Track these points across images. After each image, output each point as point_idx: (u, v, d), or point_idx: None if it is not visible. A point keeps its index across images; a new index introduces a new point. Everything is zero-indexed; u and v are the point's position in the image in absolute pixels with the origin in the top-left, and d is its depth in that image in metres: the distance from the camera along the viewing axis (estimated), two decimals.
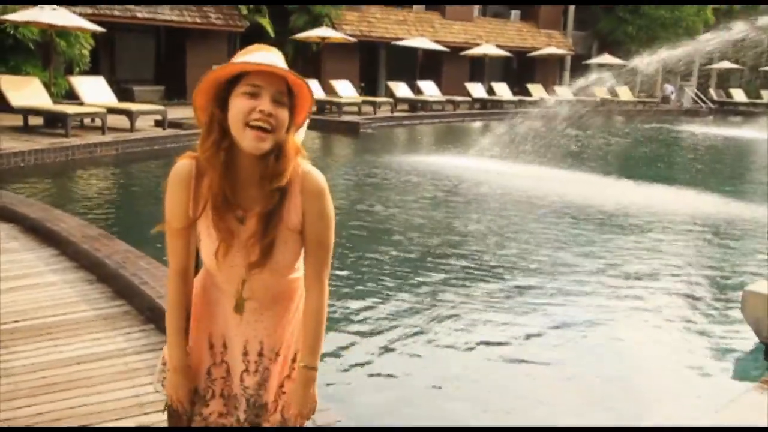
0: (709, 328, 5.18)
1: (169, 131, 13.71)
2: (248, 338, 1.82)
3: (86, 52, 16.45)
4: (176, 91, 21.12)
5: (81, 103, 13.67)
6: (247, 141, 1.62)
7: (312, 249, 1.76)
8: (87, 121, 13.64)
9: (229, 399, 1.87)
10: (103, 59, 20.35)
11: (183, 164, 1.73)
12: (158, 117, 14.33)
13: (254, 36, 22.76)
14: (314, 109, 1.78)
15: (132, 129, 13.19)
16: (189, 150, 1.76)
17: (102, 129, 12.64)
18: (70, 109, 12.54)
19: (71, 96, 14.49)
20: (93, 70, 17.15)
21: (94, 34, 16.00)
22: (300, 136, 1.79)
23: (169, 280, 1.83)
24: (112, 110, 13.26)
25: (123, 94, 18.54)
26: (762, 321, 4.29)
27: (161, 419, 3.03)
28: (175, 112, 15.67)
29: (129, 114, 13.35)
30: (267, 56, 1.66)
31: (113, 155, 11.75)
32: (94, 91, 14.35)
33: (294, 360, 1.85)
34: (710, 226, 8.68)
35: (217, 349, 1.85)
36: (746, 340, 4.62)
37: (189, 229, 1.76)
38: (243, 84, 1.63)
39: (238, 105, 1.62)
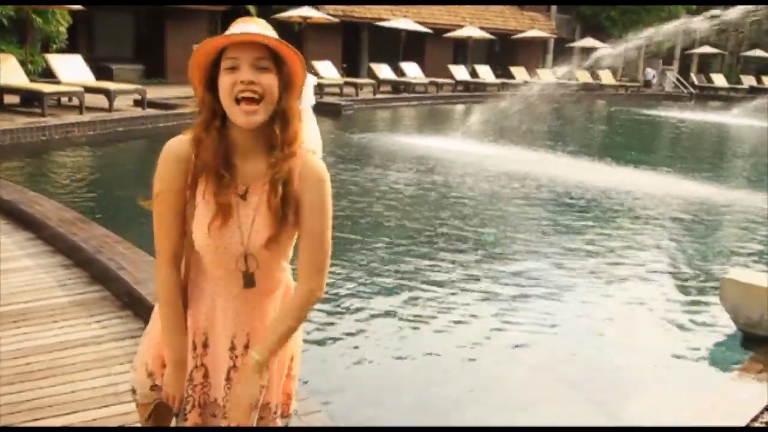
0: (688, 315, 5.22)
1: (149, 111, 13.52)
2: (236, 332, 1.73)
3: (63, 29, 16.12)
4: (156, 70, 20.82)
5: (58, 82, 13.42)
6: (238, 116, 1.60)
7: (305, 239, 1.68)
8: (64, 100, 13.41)
9: (205, 407, 1.77)
10: (81, 37, 19.98)
11: (179, 140, 1.69)
12: (137, 96, 14.13)
13: (236, 15, 22.51)
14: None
15: (110, 109, 12.98)
16: (185, 129, 1.73)
17: (79, 108, 12.43)
18: (46, 87, 12.32)
19: (48, 74, 14.21)
20: (70, 48, 16.82)
21: (72, 11, 15.68)
22: (309, 101, 1.78)
23: (159, 272, 1.71)
24: (89, 89, 13.04)
25: (101, 72, 18.20)
26: (740, 308, 4.33)
27: None
28: (155, 92, 15.48)
29: (107, 93, 13.13)
30: (243, 26, 1.63)
31: (91, 135, 11.54)
32: (72, 70, 14.09)
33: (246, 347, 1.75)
34: (689, 212, 8.74)
35: (198, 351, 1.74)
36: (724, 327, 4.65)
37: (183, 195, 1.67)
38: (224, 60, 1.61)
39: (222, 82, 1.61)
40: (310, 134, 1.81)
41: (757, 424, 3.34)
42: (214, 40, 1.61)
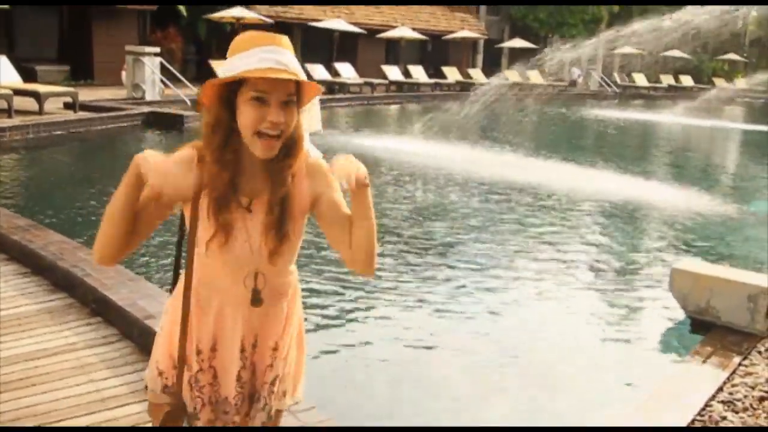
0: (638, 304, 5.51)
1: (81, 114, 13.13)
2: (245, 334, 1.76)
3: None
4: (83, 72, 20.17)
5: None
6: (257, 149, 1.60)
7: (337, 210, 1.71)
8: None
9: (217, 404, 1.80)
10: (1, 36, 19.20)
11: (185, 153, 1.67)
12: (68, 99, 13.70)
13: (166, 14, 22.02)
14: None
15: (41, 112, 12.57)
16: (191, 140, 1.71)
17: (8, 112, 11.97)
18: None
19: None
20: None
21: None
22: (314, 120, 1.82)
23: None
24: (18, 92, 12.56)
25: (24, 73, 17.49)
26: (688, 296, 4.58)
27: (126, 413, 3.01)
28: (85, 94, 15.03)
29: (37, 96, 12.70)
30: (272, 55, 1.57)
31: (25, 140, 11.13)
32: None
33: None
34: (626, 208, 9.12)
35: (204, 355, 1.77)
36: (674, 315, 4.91)
37: (168, 204, 1.65)
38: (249, 88, 1.57)
39: (247, 113, 1.58)
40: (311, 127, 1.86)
41: (714, 403, 3.57)
42: (247, 72, 1.54)
